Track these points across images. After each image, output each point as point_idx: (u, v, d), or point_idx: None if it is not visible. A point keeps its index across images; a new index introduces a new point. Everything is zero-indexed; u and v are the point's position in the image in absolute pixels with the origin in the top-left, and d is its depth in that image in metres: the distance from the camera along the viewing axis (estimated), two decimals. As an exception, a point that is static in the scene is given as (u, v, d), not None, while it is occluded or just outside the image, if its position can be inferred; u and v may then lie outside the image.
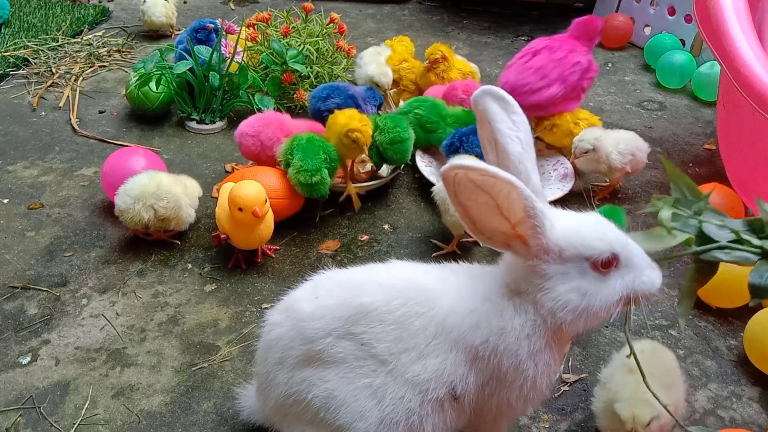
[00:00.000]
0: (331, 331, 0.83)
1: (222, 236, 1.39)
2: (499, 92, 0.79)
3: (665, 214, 0.79)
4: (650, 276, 0.78)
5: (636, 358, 0.86)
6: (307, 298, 0.87)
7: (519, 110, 0.80)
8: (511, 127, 0.79)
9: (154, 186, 1.41)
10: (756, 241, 0.77)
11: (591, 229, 0.78)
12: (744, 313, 1.34)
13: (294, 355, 0.85)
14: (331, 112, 1.66)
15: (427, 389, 0.79)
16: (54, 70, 2.31)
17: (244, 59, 2.04)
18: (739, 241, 0.78)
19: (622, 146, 1.65)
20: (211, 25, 2.03)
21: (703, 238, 0.79)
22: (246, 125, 1.65)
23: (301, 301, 0.87)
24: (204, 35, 2.02)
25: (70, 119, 2.03)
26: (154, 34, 2.67)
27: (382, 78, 1.96)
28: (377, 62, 2.00)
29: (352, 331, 0.82)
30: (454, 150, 1.67)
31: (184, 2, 3.12)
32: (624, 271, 0.77)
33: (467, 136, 1.66)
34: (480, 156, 1.65)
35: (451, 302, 0.81)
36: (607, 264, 0.76)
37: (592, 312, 0.77)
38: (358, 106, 1.73)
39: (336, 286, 0.88)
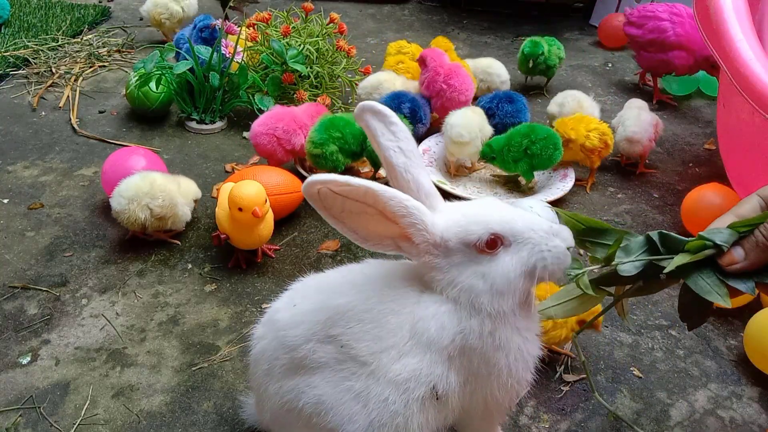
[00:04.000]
0: (311, 336, 0.82)
1: (222, 236, 1.39)
2: (376, 106, 0.81)
3: (584, 280, 0.82)
4: (550, 247, 0.77)
5: (587, 370, 0.87)
6: (284, 308, 0.87)
7: (396, 120, 0.81)
8: (392, 138, 0.81)
9: (148, 185, 1.41)
10: (665, 263, 0.78)
11: (469, 215, 0.78)
12: (744, 313, 1.34)
13: (280, 365, 0.85)
14: (405, 116, 1.81)
15: (408, 388, 0.79)
16: (54, 70, 2.31)
17: (244, 59, 2.04)
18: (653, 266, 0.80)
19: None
20: (215, 23, 2.04)
21: (620, 276, 0.81)
22: (258, 124, 1.68)
23: (280, 311, 0.87)
24: (208, 33, 2.02)
25: (70, 119, 2.03)
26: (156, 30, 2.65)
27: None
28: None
29: (331, 334, 0.81)
30: (491, 114, 1.88)
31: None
32: (517, 247, 0.77)
33: (502, 101, 1.87)
34: (506, 119, 1.86)
35: (420, 306, 0.81)
36: (491, 245, 0.77)
37: (499, 290, 0.77)
38: (417, 109, 1.86)
39: (312, 291, 0.87)
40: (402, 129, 0.81)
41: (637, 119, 1.82)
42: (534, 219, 0.80)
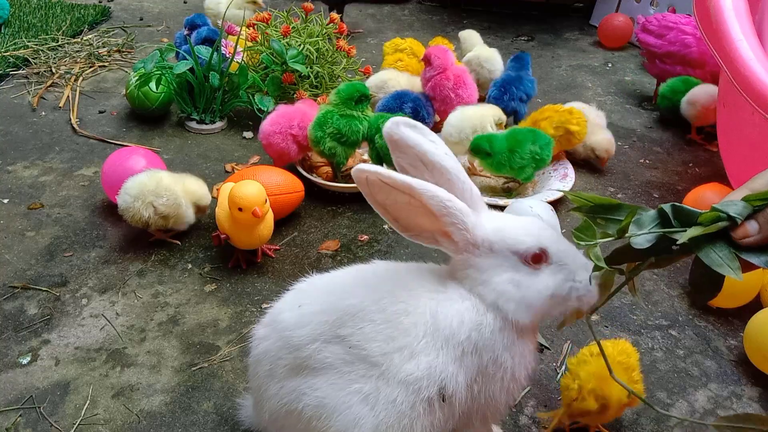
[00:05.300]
0: (318, 336, 0.82)
1: (222, 236, 1.40)
2: (411, 121, 0.83)
3: (596, 252, 0.80)
4: (581, 278, 0.80)
5: (602, 349, 0.87)
6: (289, 309, 0.87)
7: (431, 132, 0.84)
8: (435, 146, 0.83)
9: (154, 184, 1.42)
10: (678, 236, 0.76)
11: (521, 226, 0.82)
12: (744, 313, 1.34)
13: (282, 365, 0.85)
14: (408, 116, 1.79)
15: (419, 388, 0.79)
16: (54, 70, 2.31)
17: (244, 59, 2.04)
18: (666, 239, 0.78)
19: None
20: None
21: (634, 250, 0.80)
22: (270, 124, 1.67)
23: (284, 312, 0.87)
24: (210, 44, 2.01)
25: (70, 119, 2.03)
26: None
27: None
28: None
29: (340, 334, 0.81)
30: (498, 98, 1.96)
31: (184, 2, 3.12)
32: (556, 268, 0.81)
33: (508, 84, 1.95)
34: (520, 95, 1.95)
35: (437, 303, 0.82)
36: (536, 258, 0.80)
37: (527, 302, 0.80)
38: (419, 108, 1.88)
39: (319, 292, 0.87)
40: (437, 137, 0.84)
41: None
42: (573, 248, 0.82)
